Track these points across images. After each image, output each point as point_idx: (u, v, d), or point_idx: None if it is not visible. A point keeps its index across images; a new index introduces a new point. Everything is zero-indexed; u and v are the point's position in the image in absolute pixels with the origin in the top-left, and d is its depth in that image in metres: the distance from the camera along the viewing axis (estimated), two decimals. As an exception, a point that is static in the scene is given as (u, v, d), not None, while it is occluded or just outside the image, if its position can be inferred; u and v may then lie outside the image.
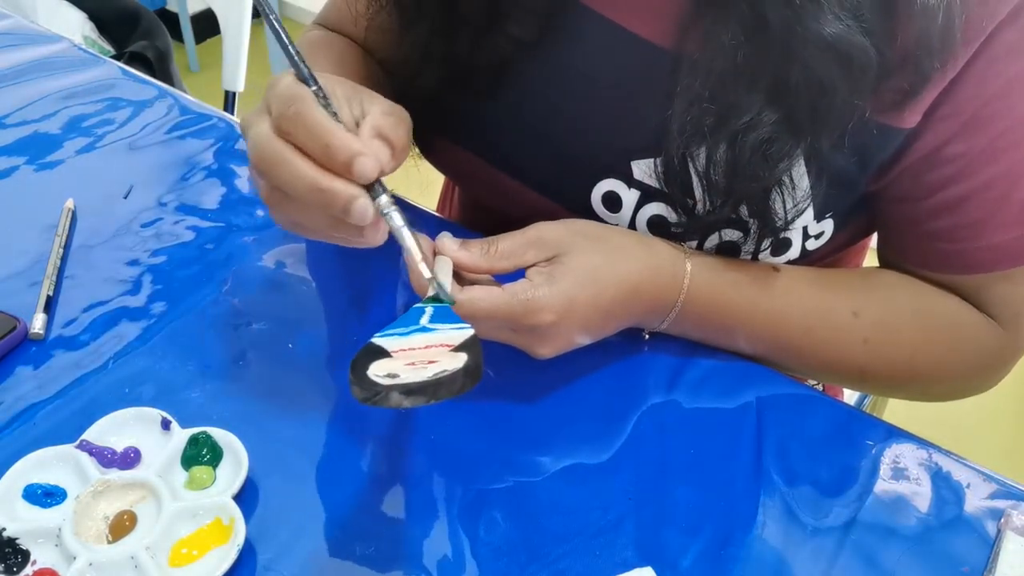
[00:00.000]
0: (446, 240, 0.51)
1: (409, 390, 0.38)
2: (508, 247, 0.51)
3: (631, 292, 0.53)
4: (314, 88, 0.46)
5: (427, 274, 0.47)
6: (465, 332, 0.43)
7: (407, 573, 0.46)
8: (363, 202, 0.44)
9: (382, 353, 0.42)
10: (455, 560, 0.46)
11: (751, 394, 0.57)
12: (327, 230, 0.48)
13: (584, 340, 0.53)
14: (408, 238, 0.46)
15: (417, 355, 0.42)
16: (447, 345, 0.43)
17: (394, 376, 0.39)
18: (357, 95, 0.50)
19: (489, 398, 0.55)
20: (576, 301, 0.50)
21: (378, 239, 0.48)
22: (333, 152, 0.44)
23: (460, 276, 0.50)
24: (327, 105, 0.45)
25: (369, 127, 0.47)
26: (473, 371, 0.40)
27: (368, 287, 0.62)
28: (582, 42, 0.56)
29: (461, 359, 0.40)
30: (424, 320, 0.45)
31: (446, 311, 0.46)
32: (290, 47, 0.46)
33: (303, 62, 0.46)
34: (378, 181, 0.45)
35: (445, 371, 0.39)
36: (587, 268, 0.51)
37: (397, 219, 0.46)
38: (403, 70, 0.62)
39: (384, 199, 0.45)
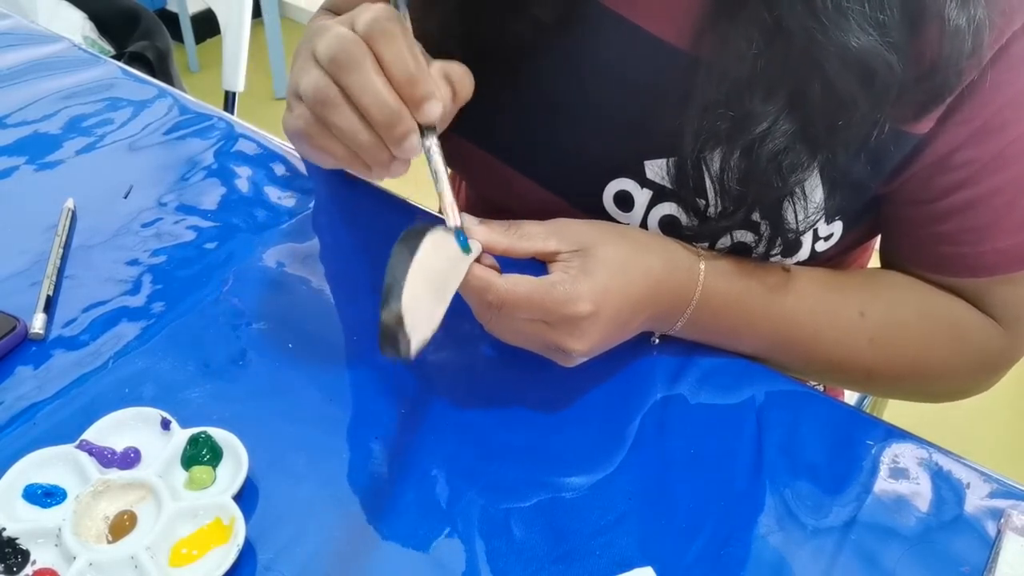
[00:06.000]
0: (464, 216, 0.50)
1: (390, 336, 0.41)
2: (531, 230, 0.51)
3: (655, 285, 0.53)
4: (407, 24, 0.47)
5: (455, 220, 0.48)
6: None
7: (406, 572, 0.46)
8: (417, 138, 0.46)
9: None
10: (454, 559, 0.46)
11: (751, 393, 0.57)
12: (354, 138, 0.46)
13: (612, 337, 0.52)
14: (444, 181, 0.48)
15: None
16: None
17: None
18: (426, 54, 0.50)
19: (489, 397, 0.55)
20: (610, 291, 0.49)
21: (393, 172, 0.48)
22: (414, 84, 0.44)
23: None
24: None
25: (438, 66, 0.48)
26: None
27: (368, 287, 0.62)
28: (598, 41, 0.56)
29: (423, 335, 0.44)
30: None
31: None
32: None
33: None
34: None
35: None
36: (617, 259, 0.50)
37: (438, 161, 0.48)
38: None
39: (432, 140, 0.47)
